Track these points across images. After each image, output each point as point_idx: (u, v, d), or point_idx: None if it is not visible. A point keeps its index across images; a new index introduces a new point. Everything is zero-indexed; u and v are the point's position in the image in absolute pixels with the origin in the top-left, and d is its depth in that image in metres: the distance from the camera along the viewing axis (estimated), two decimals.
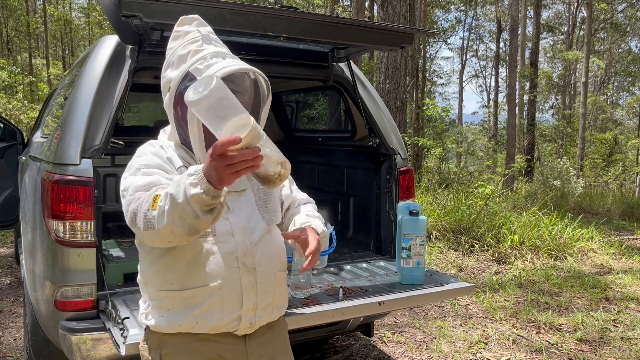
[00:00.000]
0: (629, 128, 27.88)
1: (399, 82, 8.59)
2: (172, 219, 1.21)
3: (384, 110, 3.16)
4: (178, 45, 1.46)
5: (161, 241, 1.30)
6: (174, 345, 1.48)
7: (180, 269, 1.43)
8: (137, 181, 1.37)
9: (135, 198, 1.32)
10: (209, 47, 1.45)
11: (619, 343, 3.73)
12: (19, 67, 19.34)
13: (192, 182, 1.17)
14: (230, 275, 1.45)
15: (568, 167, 12.05)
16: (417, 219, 2.61)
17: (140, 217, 1.28)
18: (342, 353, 3.47)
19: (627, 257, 6.48)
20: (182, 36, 1.47)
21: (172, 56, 1.47)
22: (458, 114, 31.31)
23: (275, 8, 2.46)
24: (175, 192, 1.19)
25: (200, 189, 1.16)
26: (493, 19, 30.64)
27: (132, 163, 1.45)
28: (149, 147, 1.51)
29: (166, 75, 1.47)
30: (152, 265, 1.48)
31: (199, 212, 1.18)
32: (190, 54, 1.42)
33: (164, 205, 1.22)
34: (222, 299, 1.44)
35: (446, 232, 6.65)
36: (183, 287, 1.44)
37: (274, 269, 1.55)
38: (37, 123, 4.62)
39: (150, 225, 1.26)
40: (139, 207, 1.29)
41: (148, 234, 1.29)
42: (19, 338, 3.65)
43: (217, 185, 1.16)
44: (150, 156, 1.47)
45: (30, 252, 2.55)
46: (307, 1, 19.88)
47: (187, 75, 1.40)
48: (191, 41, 1.45)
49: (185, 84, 1.40)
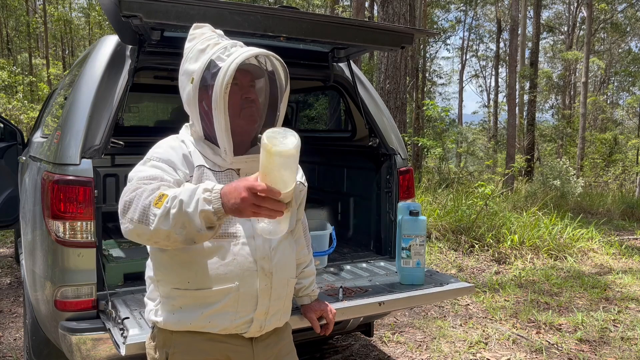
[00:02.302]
0: (629, 128, 27.85)
1: (399, 82, 8.59)
2: (174, 223, 1.22)
3: (384, 110, 3.16)
4: (196, 42, 1.50)
5: (148, 239, 1.29)
6: (181, 344, 1.48)
7: (198, 268, 1.43)
8: (143, 172, 1.39)
9: (135, 188, 1.32)
10: (226, 41, 1.50)
11: (619, 343, 3.73)
12: (19, 67, 19.35)
13: (207, 198, 1.20)
14: (248, 277, 1.45)
15: (568, 167, 12.05)
16: (417, 219, 2.61)
17: (135, 208, 1.27)
18: (342, 353, 3.47)
19: (627, 257, 6.48)
20: (198, 36, 1.52)
21: (190, 53, 1.50)
22: (458, 114, 31.32)
23: (275, 8, 2.46)
24: (186, 200, 1.21)
25: (212, 207, 1.19)
26: (493, 19, 30.64)
27: (148, 153, 1.48)
28: (170, 141, 1.52)
29: (186, 69, 1.49)
30: (168, 263, 1.47)
31: (203, 227, 1.21)
32: (210, 46, 1.47)
33: (170, 208, 1.22)
34: (237, 300, 1.45)
35: (446, 232, 6.65)
36: (200, 286, 1.44)
37: (287, 276, 1.57)
38: (37, 123, 4.62)
39: (148, 221, 1.25)
40: (137, 198, 1.28)
41: (139, 228, 1.27)
42: (19, 338, 3.65)
43: (229, 211, 1.19)
44: (166, 149, 1.48)
45: (30, 252, 2.55)
46: (307, 1, 19.88)
47: (211, 62, 1.44)
48: (208, 38, 1.50)
49: (210, 72, 1.43)
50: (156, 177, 1.37)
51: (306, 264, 1.83)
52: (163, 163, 1.42)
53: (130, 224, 1.28)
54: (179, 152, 1.47)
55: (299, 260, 1.78)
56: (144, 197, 1.28)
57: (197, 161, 1.47)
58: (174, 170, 1.42)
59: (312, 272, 1.86)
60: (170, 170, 1.41)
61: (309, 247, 1.85)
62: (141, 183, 1.34)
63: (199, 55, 1.47)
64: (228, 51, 1.45)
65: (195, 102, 1.47)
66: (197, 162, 1.47)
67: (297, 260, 1.77)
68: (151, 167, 1.41)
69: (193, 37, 1.53)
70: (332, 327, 1.88)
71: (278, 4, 16.32)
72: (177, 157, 1.46)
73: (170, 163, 1.43)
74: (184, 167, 1.44)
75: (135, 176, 1.39)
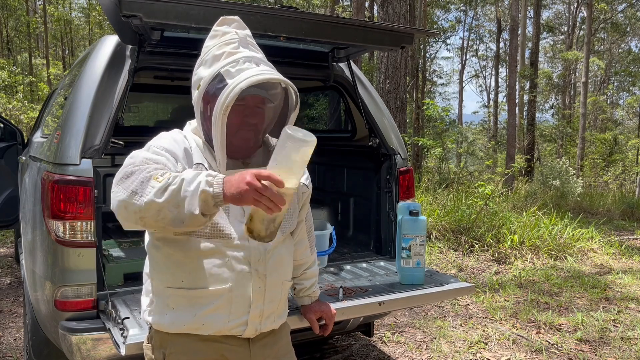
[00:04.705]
0: (629, 128, 27.86)
1: (399, 82, 8.59)
2: (170, 199, 1.21)
3: (384, 110, 3.16)
4: (214, 44, 1.46)
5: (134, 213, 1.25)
6: (177, 344, 1.48)
7: (192, 268, 1.43)
8: (148, 155, 1.37)
9: (141, 163, 1.31)
10: (244, 51, 1.44)
11: (619, 343, 3.73)
12: (19, 67, 19.34)
13: (209, 181, 1.22)
14: (241, 279, 1.45)
15: (568, 167, 12.05)
16: (417, 219, 2.61)
17: (136, 178, 1.25)
18: (342, 353, 3.47)
19: (627, 257, 6.48)
20: (219, 36, 1.47)
21: (206, 55, 1.46)
22: (458, 113, 31.33)
23: (275, 8, 2.46)
24: (188, 180, 1.22)
25: (212, 190, 1.21)
26: (493, 19, 30.65)
27: (149, 142, 1.46)
28: (172, 133, 1.51)
29: (198, 73, 1.46)
30: (163, 262, 1.47)
31: (197, 209, 1.20)
32: (224, 55, 1.42)
33: (170, 184, 1.22)
34: (230, 302, 1.45)
35: (446, 232, 6.65)
36: (193, 286, 1.43)
37: (282, 278, 1.57)
38: (37, 123, 4.62)
39: (143, 192, 1.23)
40: (138, 171, 1.27)
41: (131, 199, 1.24)
42: (19, 338, 3.65)
43: (229, 198, 1.21)
44: (169, 140, 1.47)
45: (30, 252, 2.55)
46: (307, 1, 19.87)
47: (218, 76, 1.39)
48: (227, 42, 1.44)
49: (214, 85, 1.39)
50: (159, 162, 1.36)
51: (308, 265, 1.81)
52: (167, 153, 1.41)
53: (124, 193, 1.25)
54: (181, 146, 1.46)
55: (301, 261, 1.78)
56: (146, 171, 1.27)
57: (197, 158, 1.47)
58: (175, 161, 1.41)
59: (314, 274, 1.85)
60: (172, 160, 1.41)
61: (312, 248, 1.83)
62: (146, 162, 1.33)
63: (212, 61, 1.43)
64: (239, 66, 1.39)
65: (199, 107, 1.46)
66: (196, 160, 1.46)
67: (299, 261, 1.76)
68: (155, 154, 1.39)
69: (215, 35, 1.48)
70: (331, 328, 1.88)
71: (278, 4, 16.32)
72: (180, 150, 1.45)
73: (172, 154, 1.42)
74: (184, 162, 1.44)
75: (140, 155, 1.36)
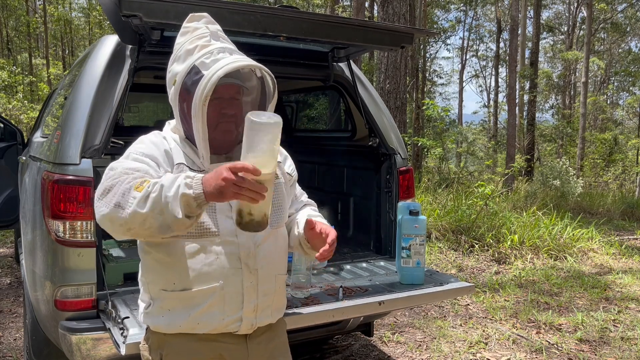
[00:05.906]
0: (629, 128, 27.84)
1: (399, 82, 8.59)
2: (152, 207, 1.22)
3: (384, 110, 3.16)
4: (186, 40, 1.47)
5: (121, 225, 1.27)
6: (174, 345, 1.48)
7: (182, 269, 1.43)
8: (127, 164, 1.38)
9: (119, 175, 1.32)
10: (216, 43, 1.45)
11: (619, 343, 3.73)
12: (19, 67, 19.32)
13: (188, 183, 1.22)
14: (232, 276, 1.45)
15: (568, 167, 12.05)
16: (417, 219, 2.61)
17: (116, 192, 1.27)
18: (342, 353, 3.47)
19: (627, 257, 6.48)
20: (190, 32, 1.48)
21: (179, 51, 1.47)
22: (458, 113, 31.32)
23: (275, 8, 2.46)
24: (167, 185, 1.22)
25: (192, 192, 1.21)
26: (493, 19, 30.64)
27: (129, 148, 1.46)
28: (151, 136, 1.51)
29: (172, 69, 1.47)
30: (152, 265, 1.48)
31: (179, 213, 1.21)
32: (197, 49, 1.43)
33: (150, 192, 1.23)
34: (223, 299, 1.44)
35: (446, 232, 6.65)
36: (184, 287, 1.44)
37: (275, 271, 1.55)
38: (37, 123, 4.62)
39: (125, 204, 1.24)
40: (118, 184, 1.28)
41: (114, 212, 1.26)
42: (19, 338, 3.65)
43: (209, 196, 1.21)
44: (148, 144, 1.47)
45: (30, 252, 2.55)
46: (307, 1, 19.87)
47: (193, 68, 1.40)
48: (199, 36, 1.46)
49: (191, 78, 1.40)
50: (140, 170, 1.36)
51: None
52: (147, 158, 1.42)
53: (107, 207, 1.27)
54: (160, 148, 1.47)
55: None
56: (126, 182, 1.28)
57: (177, 159, 1.47)
58: (157, 165, 1.42)
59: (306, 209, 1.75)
60: (153, 165, 1.41)
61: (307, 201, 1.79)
62: (125, 172, 1.34)
63: (185, 56, 1.43)
64: (213, 57, 1.39)
65: (176, 104, 1.46)
66: (177, 160, 1.46)
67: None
68: (134, 161, 1.40)
69: (185, 31, 1.49)
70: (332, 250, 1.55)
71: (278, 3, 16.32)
72: (159, 153, 1.45)
73: (153, 158, 1.43)
74: (165, 164, 1.44)
75: (119, 166, 1.37)
